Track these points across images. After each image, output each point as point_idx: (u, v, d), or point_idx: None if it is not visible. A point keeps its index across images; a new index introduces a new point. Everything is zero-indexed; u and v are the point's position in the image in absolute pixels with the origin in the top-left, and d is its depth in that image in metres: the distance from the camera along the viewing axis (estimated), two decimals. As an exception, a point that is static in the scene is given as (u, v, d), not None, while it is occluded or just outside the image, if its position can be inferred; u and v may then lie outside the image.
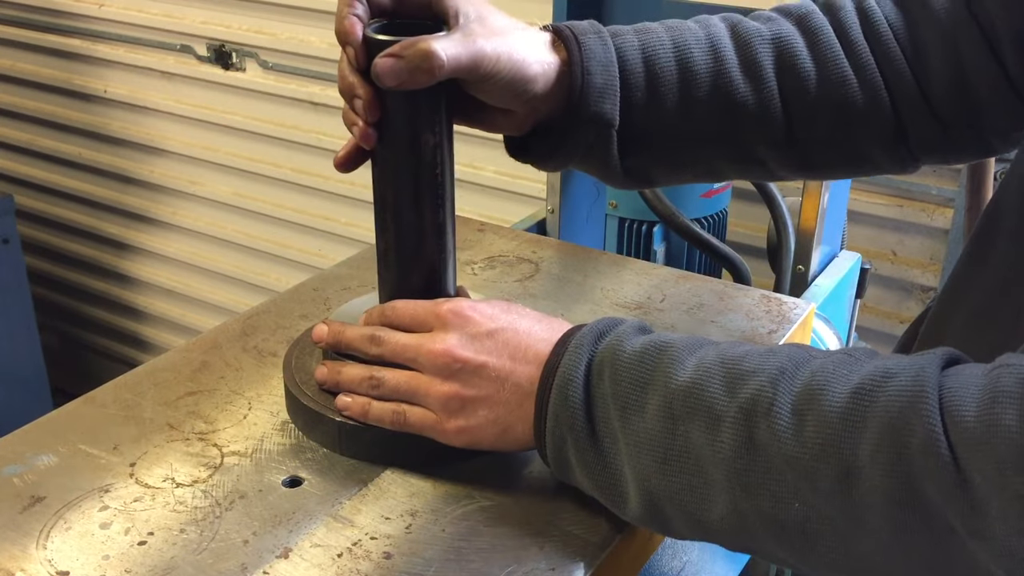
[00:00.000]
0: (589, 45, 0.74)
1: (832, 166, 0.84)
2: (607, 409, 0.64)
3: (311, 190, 2.56)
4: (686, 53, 0.76)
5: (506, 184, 2.24)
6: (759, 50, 0.77)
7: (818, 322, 1.27)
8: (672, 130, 0.77)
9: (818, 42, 0.77)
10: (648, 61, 0.76)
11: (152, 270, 3.02)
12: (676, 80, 0.76)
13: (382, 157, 0.71)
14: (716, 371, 0.61)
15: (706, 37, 0.77)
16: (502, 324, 0.69)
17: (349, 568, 0.63)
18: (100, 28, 2.74)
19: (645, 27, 0.78)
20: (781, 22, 0.79)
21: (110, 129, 2.87)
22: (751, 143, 0.79)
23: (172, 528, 0.66)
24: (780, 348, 0.62)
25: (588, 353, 0.66)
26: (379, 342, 0.71)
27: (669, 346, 0.64)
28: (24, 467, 0.71)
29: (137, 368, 0.84)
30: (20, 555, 0.63)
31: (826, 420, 0.55)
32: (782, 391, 0.57)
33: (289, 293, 0.98)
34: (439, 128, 0.70)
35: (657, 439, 0.61)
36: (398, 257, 0.74)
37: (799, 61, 0.77)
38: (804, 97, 0.77)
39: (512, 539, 0.66)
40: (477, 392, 0.68)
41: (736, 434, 0.58)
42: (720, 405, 0.59)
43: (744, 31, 0.78)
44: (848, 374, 0.56)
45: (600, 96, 0.74)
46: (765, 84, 0.77)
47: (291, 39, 2.43)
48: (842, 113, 0.77)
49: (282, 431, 0.76)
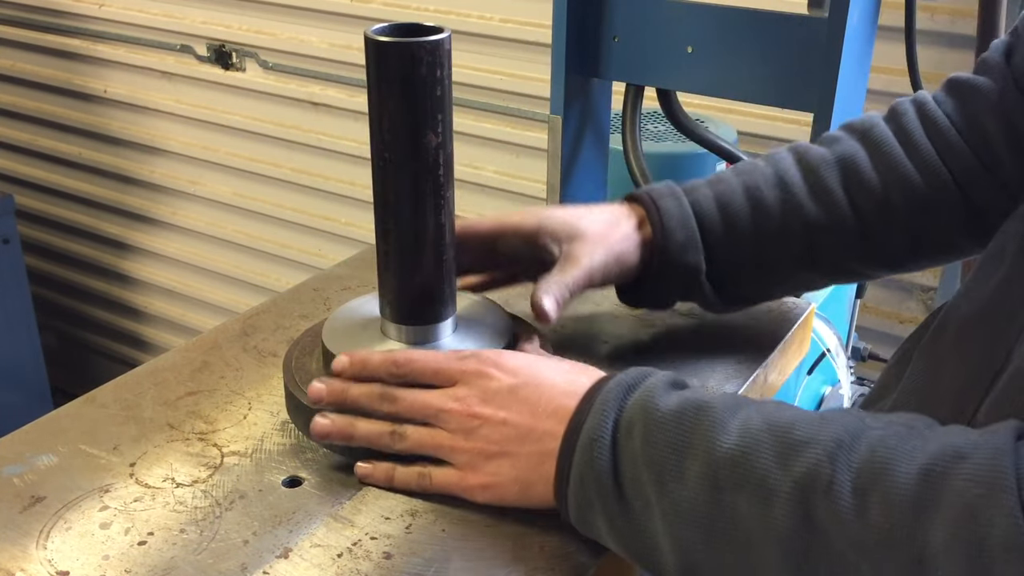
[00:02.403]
0: (667, 207, 0.82)
1: (919, 259, 0.88)
2: (638, 471, 0.61)
3: (311, 190, 2.56)
4: (756, 193, 0.83)
5: (506, 184, 2.24)
6: (825, 174, 0.83)
7: (818, 322, 1.27)
8: (757, 262, 0.84)
9: (882, 152, 0.83)
10: (722, 206, 0.83)
11: (152, 270, 3.02)
12: (750, 220, 0.83)
13: (384, 159, 0.71)
14: (765, 439, 0.57)
15: (774, 174, 0.84)
16: (524, 379, 0.67)
17: (349, 568, 0.63)
18: (100, 28, 2.74)
19: (718, 177, 0.86)
20: (846, 141, 0.85)
21: (110, 129, 2.87)
22: (834, 257, 0.85)
23: (172, 528, 0.65)
24: (832, 415, 0.58)
25: (615, 410, 0.63)
26: (393, 399, 0.69)
27: (708, 406, 0.61)
28: (24, 467, 0.71)
29: (137, 368, 0.84)
30: (20, 555, 0.63)
31: (893, 503, 0.52)
32: (840, 467, 0.54)
33: (289, 293, 0.98)
34: (441, 128, 0.70)
35: (700, 509, 0.58)
36: (399, 259, 0.74)
37: (864, 175, 0.83)
38: (875, 206, 0.82)
39: (513, 539, 0.66)
40: (499, 448, 0.66)
41: (791, 511, 0.55)
42: (772, 478, 0.56)
43: (810, 159, 0.85)
44: (912, 451, 0.53)
45: (682, 250, 0.81)
46: (836, 203, 0.82)
47: (291, 39, 2.43)
48: (914, 212, 0.82)
49: (282, 431, 0.76)
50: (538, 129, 2.13)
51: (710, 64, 1.27)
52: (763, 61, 1.23)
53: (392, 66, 0.67)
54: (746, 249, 0.83)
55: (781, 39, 1.20)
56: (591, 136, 1.43)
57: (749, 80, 1.25)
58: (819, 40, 1.16)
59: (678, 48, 1.28)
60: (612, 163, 1.50)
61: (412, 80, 0.67)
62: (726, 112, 1.86)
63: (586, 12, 1.32)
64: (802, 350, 0.98)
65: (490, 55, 2.17)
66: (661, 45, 1.30)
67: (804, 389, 1.31)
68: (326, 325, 0.79)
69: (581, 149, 1.41)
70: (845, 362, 1.37)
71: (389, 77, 0.68)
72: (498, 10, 2.13)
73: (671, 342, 0.88)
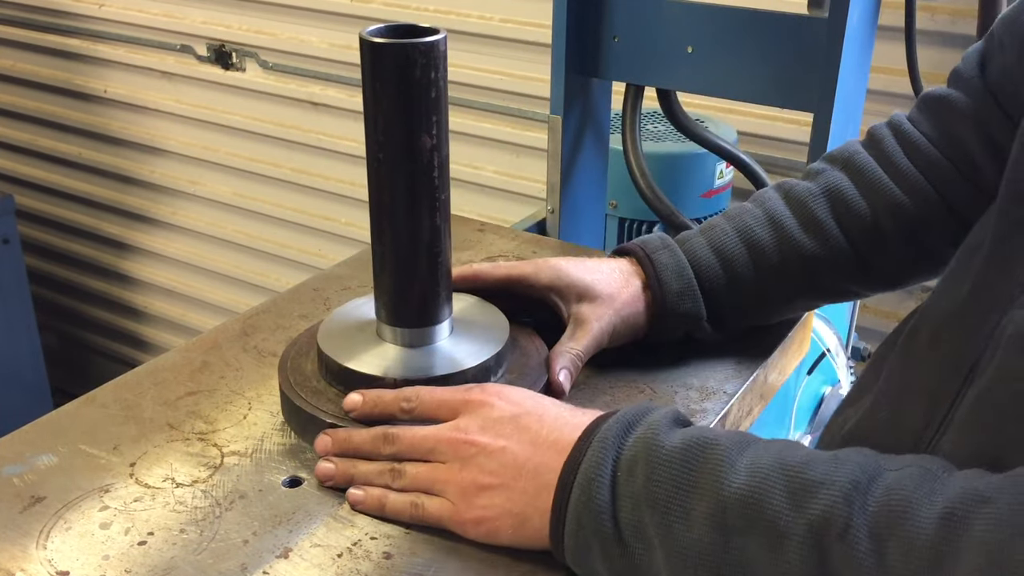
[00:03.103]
0: (661, 260, 0.84)
1: (916, 276, 0.90)
2: (640, 512, 0.58)
3: (311, 190, 2.56)
4: (749, 235, 0.85)
5: (506, 184, 2.24)
6: (814, 206, 0.85)
7: (818, 322, 1.27)
8: (757, 299, 0.86)
9: (866, 179, 0.85)
10: (719, 253, 0.84)
11: (152, 270, 3.02)
12: (748, 261, 0.84)
13: (378, 160, 0.71)
14: (776, 479, 0.55)
15: (764, 214, 0.86)
16: (527, 409, 0.66)
17: (349, 568, 0.63)
18: (100, 28, 2.74)
19: (709, 224, 0.87)
20: (829, 172, 0.87)
21: (110, 129, 2.87)
22: (834, 284, 0.87)
23: (172, 528, 0.66)
24: (846, 456, 0.57)
25: (615, 447, 0.61)
26: (393, 440, 0.68)
27: (715, 444, 0.59)
28: (24, 467, 0.71)
29: (137, 368, 0.84)
30: (20, 555, 0.63)
31: (912, 549, 0.50)
32: (857, 510, 0.52)
33: (289, 293, 0.98)
34: (436, 130, 0.70)
35: (706, 552, 0.56)
36: (394, 261, 0.73)
37: (852, 203, 0.84)
38: (867, 232, 0.84)
39: (512, 539, 0.66)
40: (493, 480, 0.64)
41: (805, 556, 0.53)
42: (784, 520, 0.54)
43: (797, 195, 0.86)
44: (931, 494, 0.52)
45: (679, 299, 0.83)
46: (828, 234, 0.84)
47: (291, 39, 2.43)
48: (906, 233, 0.84)
49: (282, 431, 0.76)
50: (538, 129, 2.13)
51: (710, 64, 1.27)
52: (763, 61, 1.23)
53: (387, 67, 0.67)
54: (748, 290, 0.84)
55: (781, 39, 1.21)
56: (591, 136, 1.43)
57: (749, 80, 1.25)
58: (819, 40, 1.16)
59: (678, 48, 1.29)
60: (612, 163, 1.50)
61: (407, 82, 0.67)
62: (726, 112, 1.86)
63: (586, 12, 1.32)
64: (802, 350, 0.98)
65: (490, 55, 2.17)
66: (661, 45, 1.30)
67: (804, 389, 1.31)
68: (322, 327, 0.79)
69: (581, 149, 1.42)
70: (845, 362, 1.37)
71: (384, 78, 0.68)
72: (498, 10, 2.13)
73: (671, 342, 0.88)
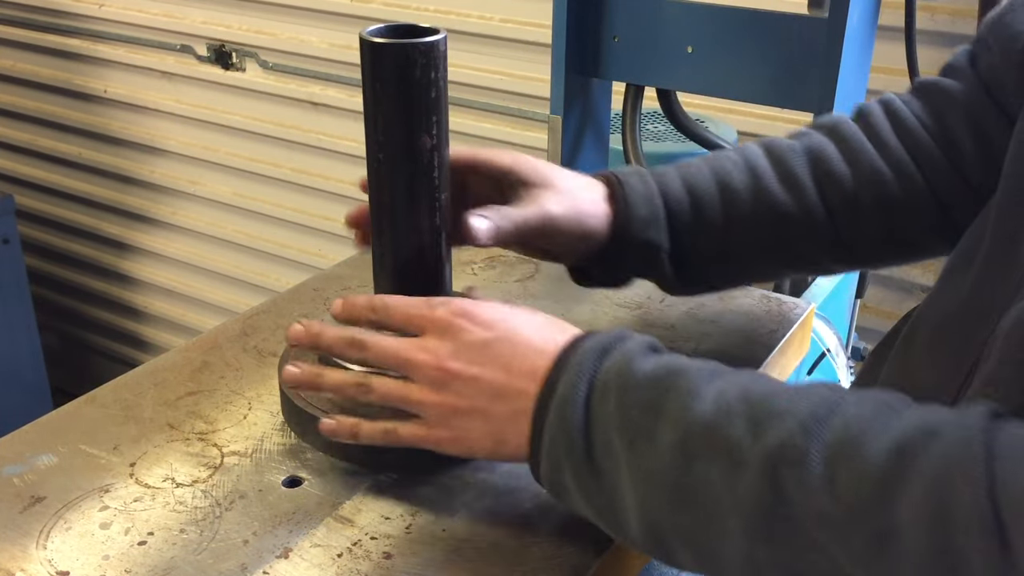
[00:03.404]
0: (631, 183, 0.80)
1: (885, 256, 0.88)
2: (609, 433, 0.60)
3: (311, 190, 2.56)
4: (725, 176, 0.82)
5: (506, 184, 2.24)
6: (794, 162, 0.82)
7: (818, 322, 1.27)
8: (722, 246, 0.82)
9: (850, 147, 0.82)
10: (690, 188, 0.81)
11: (152, 270, 3.02)
12: (719, 201, 0.81)
13: (378, 160, 0.71)
14: (740, 408, 0.57)
15: (743, 160, 0.83)
16: (498, 333, 0.65)
17: (349, 568, 0.63)
18: (100, 28, 2.74)
19: (686, 163, 0.85)
20: (813, 135, 0.85)
21: (110, 129, 2.87)
22: (802, 248, 0.84)
23: (172, 528, 0.66)
24: (809, 388, 0.58)
25: (590, 371, 0.62)
26: (362, 346, 0.67)
27: (684, 372, 0.60)
28: (24, 467, 0.71)
29: (137, 368, 0.84)
30: (20, 555, 0.63)
31: (863, 477, 0.52)
32: (814, 439, 0.54)
33: (289, 293, 0.98)
34: (436, 130, 0.70)
35: (669, 473, 0.58)
36: (394, 261, 0.74)
37: (834, 167, 0.82)
38: (844, 199, 0.82)
39: (512, 539, 0.66)
40: (471, 404, 0.65)
41: (760, 481, 0.54)
42: (744, 447, 0.55)
43: (778, 148, 0.84)
44: (886, 427, 0.53)
45: (645, 225, 0.79)
46: (805, 192, 0.81)
47: (291, 39, 2.43)
48: (884, 209, 0.82)
49: (282, 431, 0.76)
50: (538, 129, 2.13)
51: (710, 64, 1.27)
52: (763, 61, 1.23)
53: (386, 67, 0.67)
54: (714, 232, 0.81)
55: (781, 39, 1.21)
56: (591, 136, 1.43)
57: (749, 80, 1.25)
58: (819, 40, 1.16)
59: (678, 48, 1.29)
60: (612, 163, 1.50)
61: (406, 82, 0.67)
62: (726, 112, 1.86)
63: (586, 12, 1.32)
64: (802, 350, 0.98)
65: (490, 55, 2.17)
66: (661, 45, 1.30)
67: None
68: None
69: (581, 149, 1.42)
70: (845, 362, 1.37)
71: (383, 78, 0.68)
72: (498, 10, 2.13)
73: (671, 342, 0.88)
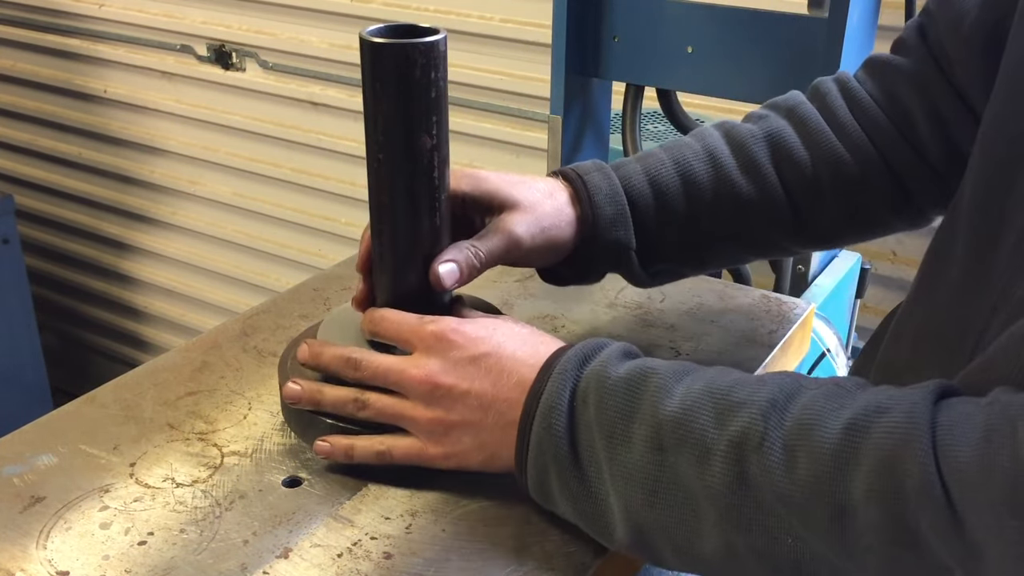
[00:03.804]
0: (594, 182, 0.80)
1: (846, 236, 0.90)
2: (591, 437, 0.63)
3: (311, 190, 2.56)
4: (686, 167, 0.82)
5: (506, 184, 2.24)
6: (754, 149, 0.83)
7: (818, 322, 1.27)
8: (688, 237, 0.83)
9: (809, 130, 0.83)
10: (653, 183, 0.81)
11: (152, 270, 3.02)
12: (682, 194, 0.81)
13: (378, 160, 0.71)
14: (705, 402, 0.60)
15: (703, 149, 0.83)
16: (486, 349, 0.68)
17: (349, 568, 0.63)
18: (100, 28, 2.74)
19: (647, 153, 0.84)
20: (772, 119, 0.85)
21: (110, 129, 2.87)
22: (765, 233, 0.85)
23: (172, 528, 0.66)
24: (770, 377, 0.61)
25: (572, 379, 0.65)
26: (357, 366, 0.70)
27: (654, 373, 0.63)
28: (24, 467, 0.71)
29: (137, 368, 0.84)
30: (20, 555, 0.63)
31: (818, 457, 0.54)
32: (773, 425, 0.56)
33: (289, 293, 0.98)
34: (436, 130, 0.70)
35: (644, 471, 0.60)
36: (394, 261, 0.73)
37: (794, 151, 0.83)
38: (805, 183, 0.83)
39: (512, 539, 0.66)
40: (461, 418, 0.67)
41: (727, 468, 0.57)
42: (710, 437, 0.58)
43: (738, 135, 0.84)
44: (839, 408, 0.56)
45: (611, 225, 0.79)
46: (766, 179, 0.82)
47: (291, 39, 2.43)
48: (844, 190, 0.83)
49: (282, 431, 0.76)
50: (538, 129, 2.13)
51: (710, 64, 1.27)
52: (763, 61, 1.23)
53: (386, 67, 0.67)
54: (677, 224, 0.82)
55: (781, 39, 1.21)
56: (591, 136, 1.43)
57: (749, 80, 1.25)
58: (819, 40, 1.16)
59: (678, 48, 1.29)
60: (612, 163, 1.50)
61: (406, 82, 0.67)
62: (726, 112, 1.86)
63: (586, 12, 1.32)
64: (802, 350, 0.98)
65: (490, 55, 2.17)
66: (661, 45, 1.30)
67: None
68: (321, 327, 0.79)
69: (581, 149, 1.42)
70: (845, 362, 1.37)
71: (383, 78, 0.68)
72: (498, 10, 2.13)
73: (671, 342, 0.88)
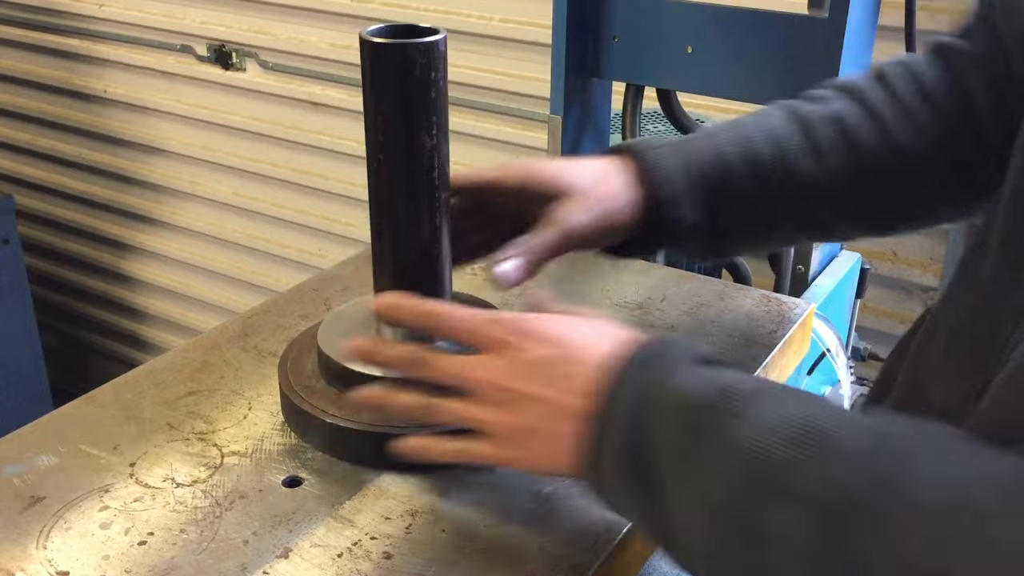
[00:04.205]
0: (661, 162, 0.80)
1: (899, 227, 0.89)
2: (658, 453, 0.59)
3: (311, 190, 2.56)
4: (751, 147, 0.82)
5: (506, 184, 2.24)
6: (820, 132, 0.82)
7: (818, 322, 1.27)
8: (746, 218, 0.83)
9: (872, 112, 0.82)
10: (716, 163, 0.81)
11: (152, 270, 3.02)
12: (747, 174, 0.81)
13: (378, 160, 0.71)
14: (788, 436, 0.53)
15: (768, 129, 0.83)
16: (552, 350, 0.65)
17: (349, 568, 0.63)
18: (100, 28, 2.74)
19: (709, 131, 0.85)
20: (836, 101, 0.84)
21: (110, 129, 2.87)
22: (824, 216, 0.85)
23: (172, 528, 0.66)
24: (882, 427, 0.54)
25: (636, 388, 0.61)
26: (425, 364, 0.68)
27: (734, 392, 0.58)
28: (24, 467, 0.71)
29: (137, 368, 0.84)
30: (20, 555, 0.63)
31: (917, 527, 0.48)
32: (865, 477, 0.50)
33: (289, 293, 0.98)
34: (435, 130, 0.70)
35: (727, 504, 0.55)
36: (394, 261, 0.74)
37: (857, 134, 0.82)
38: (868, 170, 0.82)
39: (512, 539, 0.66)
40: (527, 422, 0.64)
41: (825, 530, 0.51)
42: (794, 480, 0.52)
43: (803, 116, 0.83)
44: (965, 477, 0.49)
45: (674, 203, 0.79)
46: (829, 164, 0.82)
47: (291, 39, 2.43)
48: (905, 175, 0.82)
49: (282, 431, 0.76)
50: (538, 129, 2.13)
51: (710, 64, 1.27)
52: (763, 61, 1.23)
53: (386, 67, 0.67)
54: (740, 205, 0.81)
55: (781, 39, 1.20)
56: (591, 136, 1.43)
57: (749, 80, 1.25)
58: (819, 40, 1.16)
59: (678, 48, 1.29)
60: (612, 163, 1.50)
61: (406, 82, 0.67)
62: (726, 112, 1.85)
63: (586, 12, 1.32)
64: (802, 350, 0.98)
65: (490, 55, 2.17)
66: (661, 45, 1.30)
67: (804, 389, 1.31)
68: (322, 327, 0.79)
69: (581, 149, 1.41)
70: (845, 362, 1.37)
71: (383, 78, 0.68)
72: (498, 10, 2.13)
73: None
